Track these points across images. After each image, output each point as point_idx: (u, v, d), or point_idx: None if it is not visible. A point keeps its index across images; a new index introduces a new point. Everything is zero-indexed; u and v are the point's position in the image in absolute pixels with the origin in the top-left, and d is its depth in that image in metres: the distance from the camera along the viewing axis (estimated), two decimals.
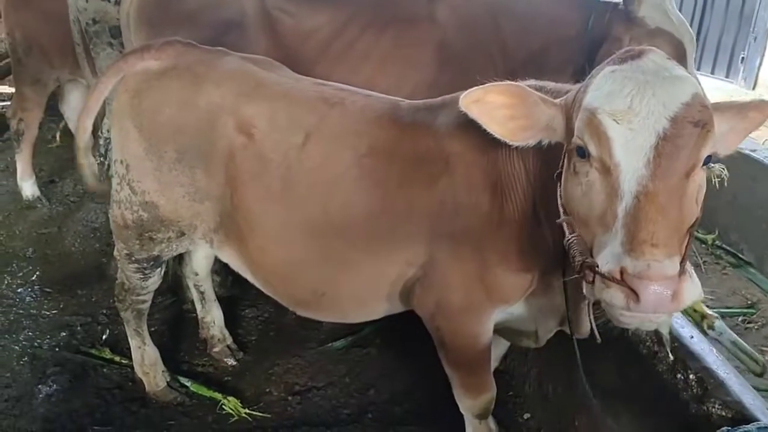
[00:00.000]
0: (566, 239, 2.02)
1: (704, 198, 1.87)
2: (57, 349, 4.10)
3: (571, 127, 1.99)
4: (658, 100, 1.79)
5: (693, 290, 1.74)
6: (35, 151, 6.06)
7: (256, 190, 2.80)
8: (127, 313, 3.52)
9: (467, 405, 2.92)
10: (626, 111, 1.81)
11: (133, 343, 3.63)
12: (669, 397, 2.19)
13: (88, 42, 4.41)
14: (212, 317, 3.99)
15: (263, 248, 2.88)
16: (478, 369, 2.83)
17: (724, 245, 4.57)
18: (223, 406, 3.61)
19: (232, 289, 4.56)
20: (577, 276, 1.91)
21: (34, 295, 4.69)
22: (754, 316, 3.90)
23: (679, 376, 2.17)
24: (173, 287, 4.50)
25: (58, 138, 7.26)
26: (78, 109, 6.11)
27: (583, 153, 1.91)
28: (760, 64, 9.91)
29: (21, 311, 4.48)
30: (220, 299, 4.15)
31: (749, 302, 4.05)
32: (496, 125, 2.13)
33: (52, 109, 6.45)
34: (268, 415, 3.59)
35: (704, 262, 4.48)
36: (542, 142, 2.14)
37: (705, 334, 2.57)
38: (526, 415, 3.53)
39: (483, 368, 2.84)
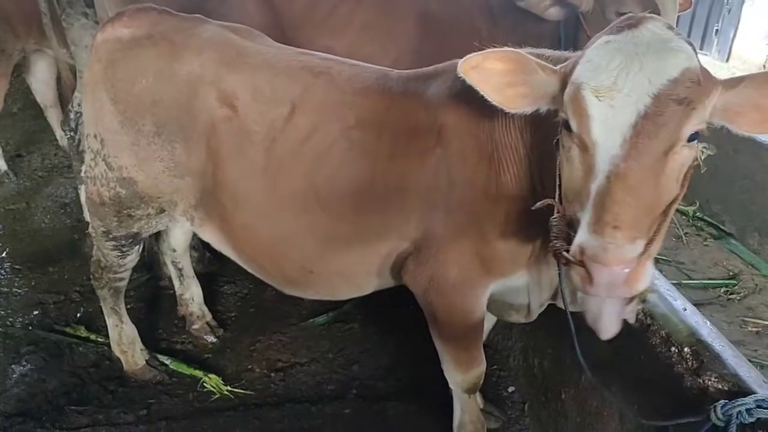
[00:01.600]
0: (549, 220, 1.99)
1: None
2: (30, 328, 4.00)
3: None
4: (644, 75, 1.74)
5: (648, 277, 1.74)
6: (0, 125, 5.85)
7: (240, 164, 2.70)
8: (104, 291, 3.41)
9: (457, 380, 2.87)
10: (609, 87, 1.76)
11: (110, 321, 3.53)
12: (663, 370, 2.18)
13: (60, 12, 4.22)
14: (191, 294, 3.90)
15: (248, 225, 2.79)
16: (470, 344, 2.78)
17: (705, 216, 4.59)
18: (204, 384, 3.54)
19: (210, 265, 4.47)
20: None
21: (4, 273, 4.57)
22: (736, 287, 3.93)
23: (673, 349, 2.16)
24: (149, 263, 4.39)
25: None
26: (45, 80, 5.94)
27: (568, 126, 1.87)
28: (734, 36, 9.96)
29: None
30: (198, 275, 4.06)
31: (731, 273, 4.07)
32: (494, 92, 2.06)
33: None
34: (251, 392, 3.54)
35: (685, 233, 4.49)
36: (540, 110, 2.08)
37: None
38: (511, 389, 3.53)
39: (475, 343, 2.79)
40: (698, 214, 4.60)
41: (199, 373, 3.60)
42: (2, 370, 3.66)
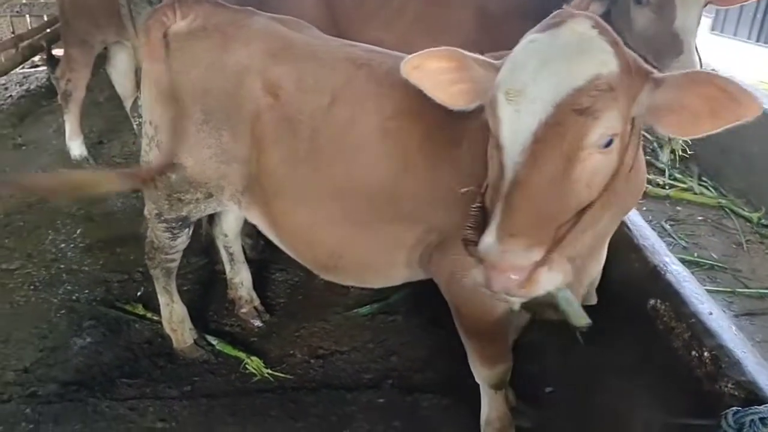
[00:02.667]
0: (470, 207, 2.04)
1: (752, 174, 1.78)
2: (93, 304, 4.24)
3: None
4: (550, 82, 1.74)
5: (550, 280, 1.75)
6: (83, 113, 6.19)
7: (282, 151, 2.80)
8: (157, 271, 3.59)
9: (483, 375, 2.88)
10: (519, 91, 1.77)
11: (162, 300, 3.71)
12: (683, 373, 2.12)
13: (129, 3, 4.47)
14: (240, 278, 4.04)
15: (286, 210, 2.88)
16: (493, 339, 2.79)
17: None
18: (247, 366, 3.67)
19: (264, 253, 4.60)
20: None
21: (75, 251, 4.85)
22: None
23: (693, 353, 2.10)
24: (207, 249, 4.56)
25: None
26: (124, 71, 6.25)
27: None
28: None
29: (62, 266, 4.65)
30: (251, 262, 4.21)
31: None
32: (437, 91, 2.15)
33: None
34: (290, 377, 3.64)
35: (747, 240, 4.29)
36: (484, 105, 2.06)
37: None
38: (548, 389, 3.48)
39: (499, 338, 2.80)
40: (763, 220, 4.38)
41: (242, 355, 3.73)
42: (65, 341, 3.91)
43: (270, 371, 3.65)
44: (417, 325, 4.02)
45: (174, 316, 3.73)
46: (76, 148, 6.17)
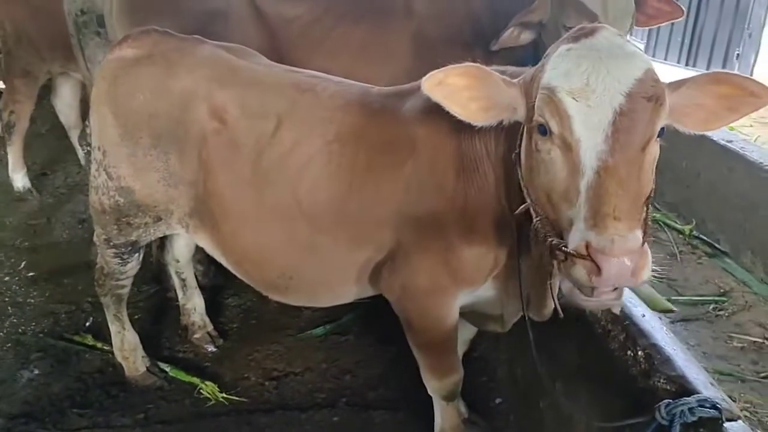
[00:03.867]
0: (533, 223, 2.06)
1: (683, 188, 1.93)
2: (41, 336, 4.17)
3: (530, 105, 2.04)
4: (612, 77, 1.85)
5: (650, 266, 1.81)
6: (26, 144, 6.12)
7: (228, 175, 2.86)
8: (107, 299, 3.57)
9: (434, 386, 2.97)
10: (583, 88, 1.86)
11: (113, 328, 3.69)
12: (620, 373, 2.24)
13: (77, 33, 4.48)
14: (193, 304, 4.05)
15: (234, 232, 2.93)
16: (444, 351, 2.88)
17: (701, 235, 4.60)
18: (201, 390, 3.67)
19: (216, 279, 4.61)
20: (548, 256, 1.97)
21: (20, 284, 4.77)
22: (725, 304, 3.93)
23: (629, 352, 2.22)
24: (158, 276, 4.56)
25: None
26: (69, 102, 6.21)
27: (544, 131, 1.96)
28: (755, 60, 9.97)
29: (7, 299, 4.57)
30: (204, 288, 4.22)
31: (722, 290, 4.08)
32: (458, 107, 2.17)
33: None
34: (245, 400, 3.66)
35: (680, 251, 4.51)
36: (503, 122, 2.19)
37: None
38: (498, 400, 3.58)
39: (449, 350, 2.89)
40: (694, 232, 4.61)
41: (196, 380, 3.72)
42: (11, 375, 3.83)
43: (225, 395, 3.65)
44: (369, 344, 4.09)
45: (126, 344, 3.71)
46: (20, 180, 6.08)
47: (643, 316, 2.32)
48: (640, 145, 1.85)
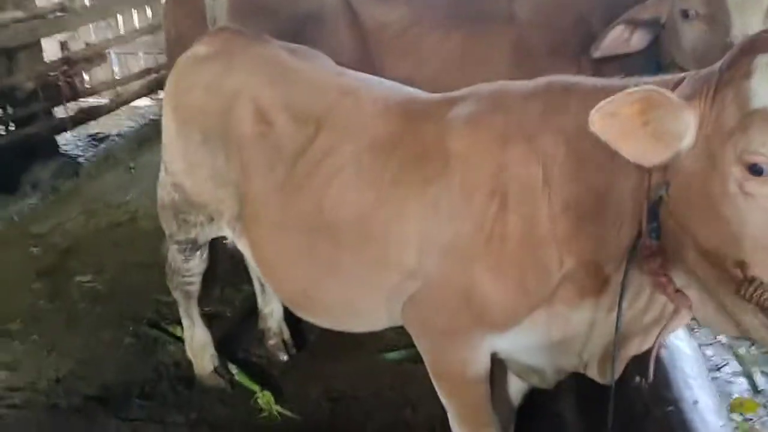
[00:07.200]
0: (752, 286, 1.55)
1: None
2: (139, 322, 4.33)
3: (706, 133, 1.60)
4: None
5: None
6: None
7: (263, 179, 2.71)
8: (176, 293, 3.60)
9: None
10: None
11: (184, 323, 3.72)
12: None
13: None
14: (271, 309, 3.96)
15: (260, 241, 2.79)
16: (471, 401, 2.48)
17: None
18: (258, 399, 3.56)
19: None
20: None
21: (129, 270, 4.95)
22: None
23: None
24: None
25: None
26: None
27: (760, 171, 1.49)
28: None
29: (118, 283, 4.81)
30: None
31: None
32: (633, 141, 1.66)
33: None
34: (297, 417, 3.49)
35: None
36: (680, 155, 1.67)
37: None
38: None
39: (478, 400, 2.47)
40: None
41: (256, 388, 3.63)
42: (99, 355, 4.04)
43: (279, 408, 3.52)
44: None
45: (194, 341, 3.71)
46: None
47: None
48: None
